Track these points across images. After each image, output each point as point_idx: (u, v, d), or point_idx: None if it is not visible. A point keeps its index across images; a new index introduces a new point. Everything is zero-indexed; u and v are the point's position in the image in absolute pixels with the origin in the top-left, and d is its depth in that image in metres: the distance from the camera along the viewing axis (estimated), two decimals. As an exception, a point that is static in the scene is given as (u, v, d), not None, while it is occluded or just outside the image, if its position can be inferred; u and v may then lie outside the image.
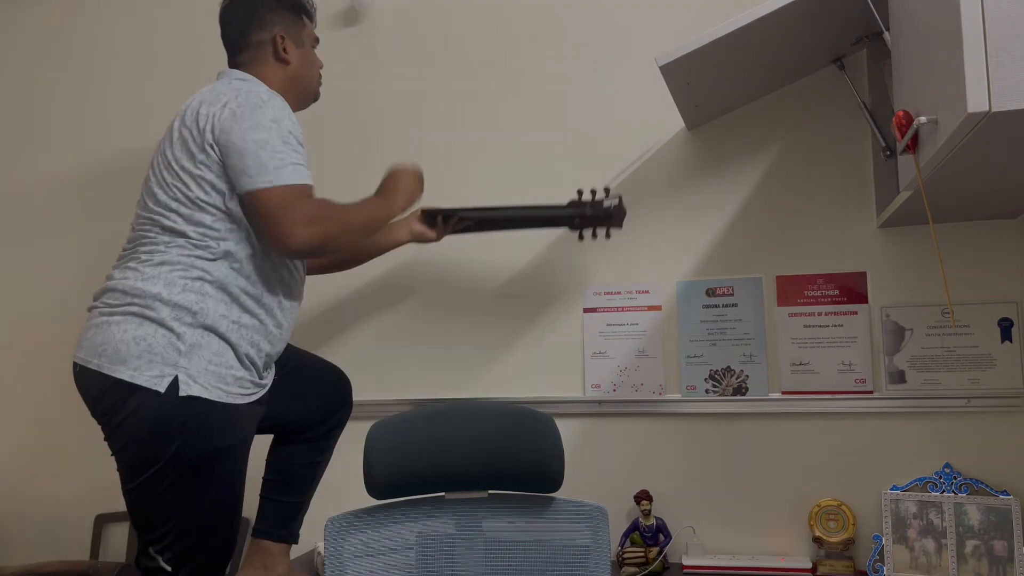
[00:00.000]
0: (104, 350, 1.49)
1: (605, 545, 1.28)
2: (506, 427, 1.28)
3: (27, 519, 2.46)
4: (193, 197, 1.54)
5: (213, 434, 1.50)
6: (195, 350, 1.50)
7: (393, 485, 1.26)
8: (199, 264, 1.53)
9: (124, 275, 1.55)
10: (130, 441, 1.49)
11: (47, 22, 2.65)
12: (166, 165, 1.58)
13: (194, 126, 1.56)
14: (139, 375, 1.46)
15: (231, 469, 1.55)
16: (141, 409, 1.46)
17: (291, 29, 1.77)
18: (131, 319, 1.50)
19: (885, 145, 1.78)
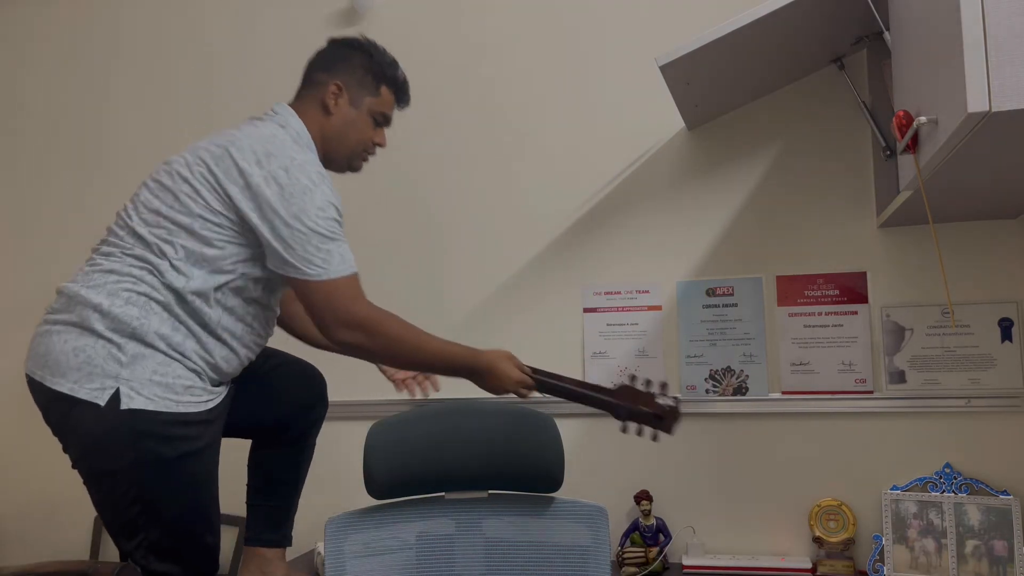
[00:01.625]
0: (46, 361, 1.46)
1: (605, 545, 1.28)
2: (506, 427, 1.28)
3: (27, 519, 2.46)
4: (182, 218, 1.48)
5: (166, 444, 1.44)
6: (137, 361, 1.43)
7: (393, 485, 1.26)
8: (146, 281, 1.46)
9: (76, 278, 1.50)
10: (81, 455, 1.46)
11: (59, 22, 2.65)
12: (189, 194, 1.49)
13: (231, 173, 1.48)
14: (79, 388, 1.41)
15: (195, 473, 1.49)
16: (84, 423, 1.42)
17: (356, 88, 1.67)
18: (71, 329, 1.45)
19: (885, 145, 1.78)
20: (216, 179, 1.49)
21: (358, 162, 1.72)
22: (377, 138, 1.71)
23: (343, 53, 1.69)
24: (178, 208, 1.49)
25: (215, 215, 1.48)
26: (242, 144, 1.51)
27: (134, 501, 1.44)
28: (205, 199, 1.49)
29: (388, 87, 1.70)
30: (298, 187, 1.47)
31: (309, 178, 1.49)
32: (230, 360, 1.55)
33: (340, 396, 2.24)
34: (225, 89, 2.45)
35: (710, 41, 1.62)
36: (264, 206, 1.46)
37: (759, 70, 1.88)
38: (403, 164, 2.29)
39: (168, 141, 2.49)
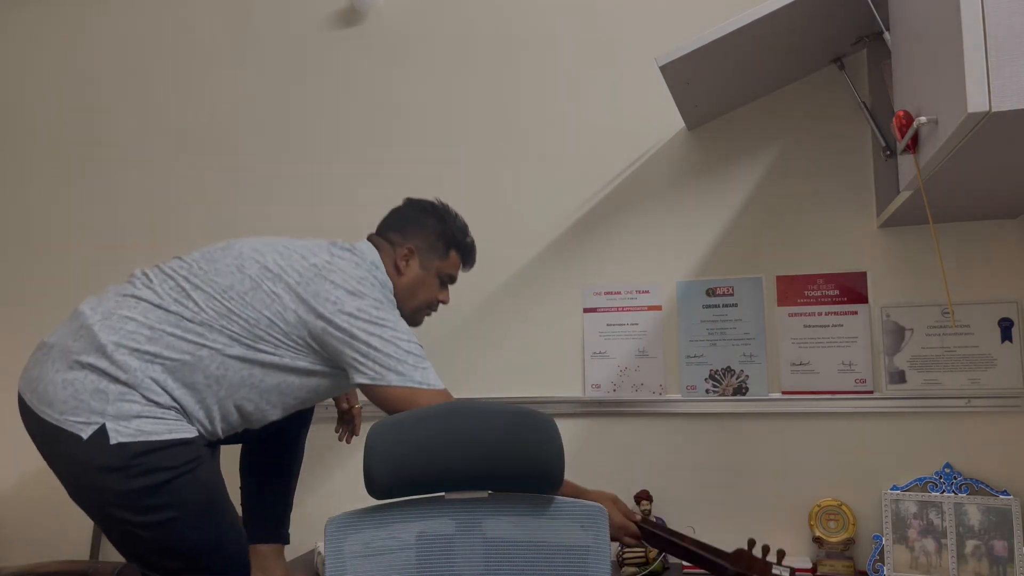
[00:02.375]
0: (36, 386, 1.46)
1: (605, 545, 1.28)
2: (506, 427, 1.28)
3: (27, 519, 2.46)
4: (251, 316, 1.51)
5: (158, 471, 1.43)
6: (124, 400, 1.44)
7: (393, 485, 1.26)
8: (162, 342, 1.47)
9: (96, 306, 1.51)
10: (73, 489, 1.46)
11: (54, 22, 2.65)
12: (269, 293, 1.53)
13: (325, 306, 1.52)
14: (64, 419, 1.42)
15: (197, 485, 1.48)
16: (69, 454, 1.42)
17: (427, 251, 1.75)
18: (66, 359, 1.46)
19: (885, 145, 1.78)
20: (300, 294, 1.53)
21: (420, 317, 1.80)
22: (442, 296, 1.80)
23: (417, 216, 1.77)
24: (248, 301, 1.52)
25: (287, 325, 1.52)
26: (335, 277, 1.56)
27: (147, 531, 1.44)
28: (283, 306, 1.52)
29: (457, 251, 1.79)
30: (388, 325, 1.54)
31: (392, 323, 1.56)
32: (219, 430, 1.57)
33: (340, 396, 2.24)
34: (225, 89, 2.46)
35: (710, 41, 1.62)
36: (357, 326, 1.52)
37: (759, 70, 1.88)
38: (404, 163, 2.29)
39: (168, 142, 2.49)
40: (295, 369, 1.56)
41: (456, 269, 1.81)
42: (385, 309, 1.56)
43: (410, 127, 2.30)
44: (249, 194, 2.39)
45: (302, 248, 1.61)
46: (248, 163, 2.41)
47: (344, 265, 1.59)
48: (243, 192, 2.40)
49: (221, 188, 2.42)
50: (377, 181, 2.30)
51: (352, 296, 1.54)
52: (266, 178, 2.39)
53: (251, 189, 2.39)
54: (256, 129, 2.41)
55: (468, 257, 1.83)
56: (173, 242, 2.43)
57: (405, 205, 1.81)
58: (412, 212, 1.79)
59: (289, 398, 1.59)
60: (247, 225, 2.38)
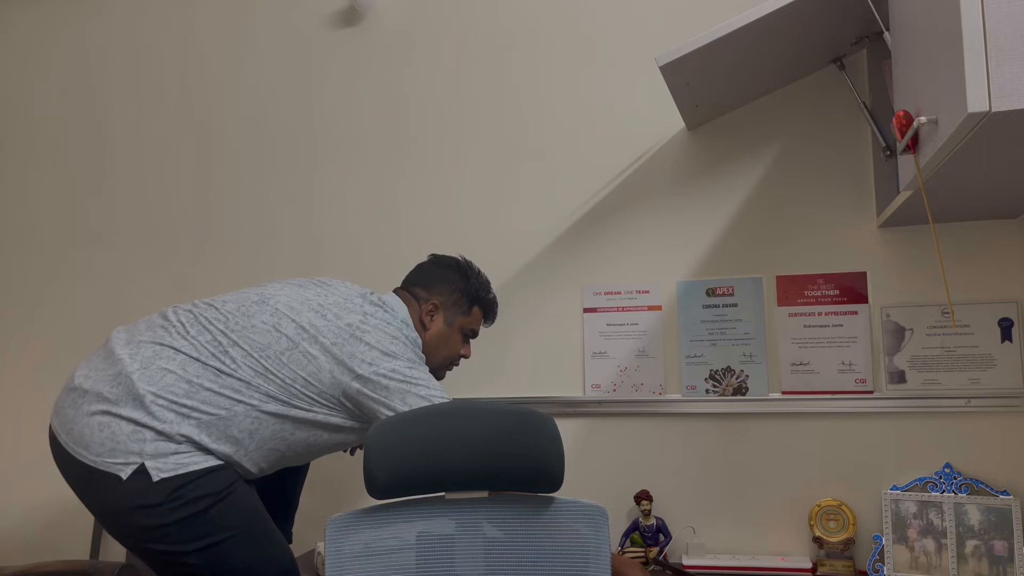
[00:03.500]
0: (72, 428, 1.48)
1: (605, 545, 1.28)
2: (506, 427, 1.28)
3: (27, 519, 2.46)
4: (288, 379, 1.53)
5: (199, 496, 1.45)
6: (159, 441, 1.46)
7: (393, 485, 1.26)
8: (199, 396, 1.49)
9: (136, 354, 1.52)
10: (114, 529, 1.47)
11: (54, 23, 2.65)
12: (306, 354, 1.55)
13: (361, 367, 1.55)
14: (100, 461, 1.44)
15: (238, 505, 1.50)
16: (109, 495, 1.44)
17: (451, 307, 1.79)
18: (102, 403, 1.47)
19: (885, 145, 1.78)
20: (336, 355, 1.55)
21: (443, 372, 1.84)
22: (464, 351, 1.84)
23: (442, 273, 1.81)
24: (285, 361, 1.54)
25: (321, 384, 1.55)
26: (369, 338, 1.58)
27: (195, 557, 1.45)
28: (319, 367, 1.55)
29: (480, 307, 1.83)
30: (416, 379, 1.57)
31: (425, 382, 1.58)
32: (246, 474, 1.58)
33: (340, 396, 2.24)
34: (224, 89, 2.46)
35: (710, 41, 1.62)
36: (392, 386, 1.55)
37: (759, 70, 1.88)
38: (403, 164, 2.29)
39: (166, 143, 2.49)
40: (327, 425, 1.59)
41: (478, 324, 1.85)
42: (418, 368, 1.60)
43: (410, 127, 2.30)
44: (249, 194, 2.39)
45: (335, 306, 1.62)
46: (248, 163, 2.41)
47: (377, 323, 1.61)
48: (243, 192, 2.40)
49: (221, 188, 2.42)
50: (377, 181, 2.30)
51: (387, 357, 1.57)
52: (266, 178, 2.39)
53: (251, 189, 2.39)
54: (256, 129, 2.41)
55: (490, 313, 1.86)
56: (174, 241, 2.43)
57: (430, 261, 1.85)
58: (436, 268, 1.82)
59: (315, 449, 1.62)
60: (247, 224, 2.38)
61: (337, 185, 2.33)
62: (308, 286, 1.66)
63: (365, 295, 1.67)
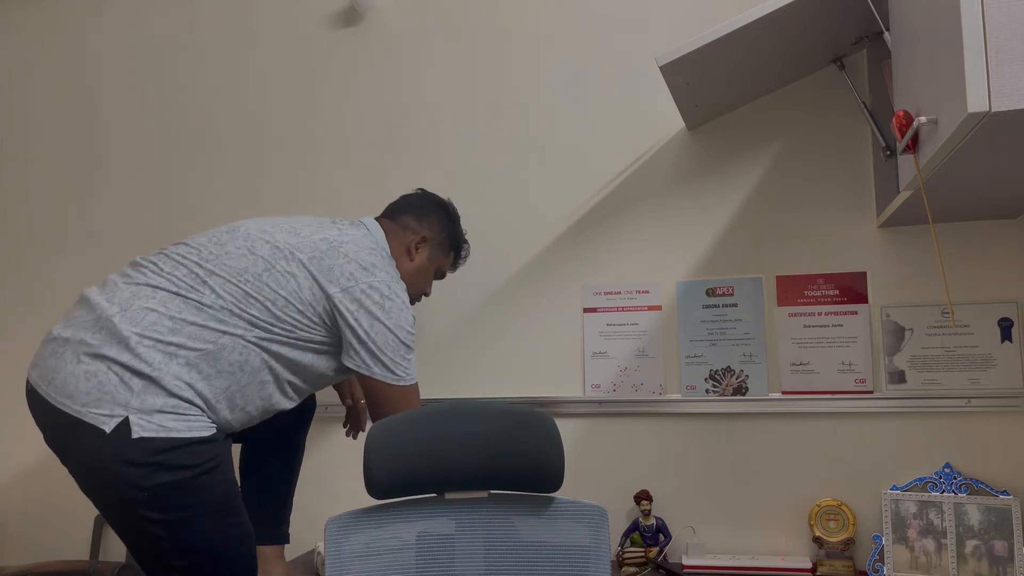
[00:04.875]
0: (54, 378, 1.43)
1: (605, 545, 1.28)
2: (506, 427, 1.28)
3: (27, 519, 2.46)
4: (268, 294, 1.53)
5: (180, 468, 1.43)
6: (147, 392, 1.42)
7: (393, 485, 1.26)
8: (184, 332, 1.47)
9: (113, 297, 1.49)
10: (88, 482, 1.44)
11: (46, 22, 2.65)
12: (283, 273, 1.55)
13: (333, 273, 1.56)
14: (86, 411, 1.40)
15: (215, 485, 1.48)
16: (90, 448, 1.40)
17: (436, 245, 1.83)
18: (86, 349, 1.44)
19: (885, 145, 1.78)
20: (313, 272, 1.56)
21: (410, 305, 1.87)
22: (429, 291, 1.88)
23: (434, 211, 1.84)
24: (264, 281, 1.54)
25: (302, 303, 1.55)
26: (346, 249, 1.60)
27: (160, 527, 1.43)
28: (299, 284, 1.55)
29: (455, 254, 1.89)
30: (396, 304, 1.60)
31: (402, 299, 1.62)
32: (237, 421, 1.58)
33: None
34: (224, 89, 2.46)
35: (710, 41, 1.62)
36: (362, 312, 1.56)
37: (759, 70, 1.88)
38: (403, 164, 2.29)
39: (166, 143, 2.49)
40: (311, 344, 1.58)
41: (448, 270, 1.91)
42: (395, 285, 1.61)
43: (409, 127, 2.30)
44: (249, 194, 2.39)
45: (308, 226, 1.64)
46: (248, 163, 2.41)
47: (354, 236, 1.64)
48: (243, 192, 2.40)
49: (221, 188, 2.42)
50: (376, 181, 2.30)
51: (365, 271, 1.58)
52: (266, 177, 2.39)
53: (251, 189, 2.39)
54: (256, 129, 2.41)
55: (460, 262, 1.94)
56: (172, 241, 2.43)
57: (420, 195, 1.87)
58: (428, 203, 1.85)
59: (301, 378, 1.62)
60: (247, 225, 2.38)
61: (337, 185, 2.32)
62: (277, 217, 1.69)
63: (335, 220, 1.71)
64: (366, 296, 1.56)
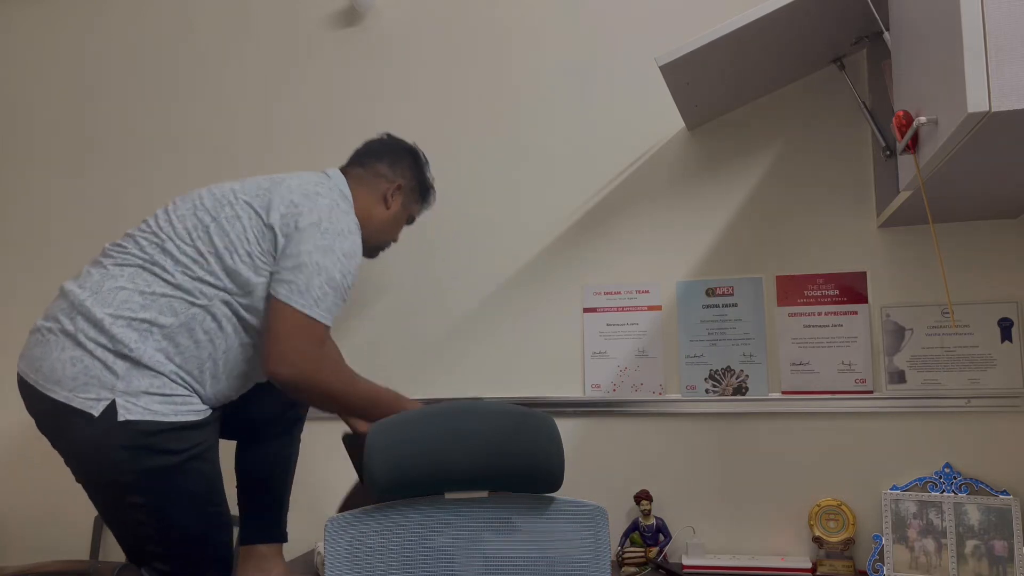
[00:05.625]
0: (41, 366, 1.45)
1: (605, 545, 1.28)
2: (506, 427, 1.28)
3: (27, 519, 2.46)
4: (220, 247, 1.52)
5: (166, 453, 1.44)
6: (132, 375, 1.44)
7: (393, 485, 1.26)
8: (154, 308, 1.47)
9: (83, 283, 1.50)
10: (80, 467, 1.46)
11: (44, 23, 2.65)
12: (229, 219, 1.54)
13: (272, 199, 1.55)
14: (73, 397, 1.41)
15: (196, 482, 1.49)
16: (79, 432, 1.41)
17: (409, 192, 1.81)
18: (68, 338, 1.45)
19: (885, 145, 1.78)
20: (256, 208, 1.55)
21: (377, 253, 1.88)
22: (398, 235, 1.88)
23: (405, 157, 1.82)
24: (213, 232, 1.53)
25: (250, 244, 1.53)
26: (290, 182, 1.59)
27: (139, 507, 1.44)
28: (244, 225, 1.54)
29: (424, 200, 1.88)
30: (335, 227, 1.54)
31: (347, 226, 1.57)
32: (226, 391, 1.58)
33: (340, 396, 2.24)
34: (224, 89, 2.46)
35: (710, 41, 1.62)
36: (296, 228, 1.52)
37: (759, 70, 1.88)
38: (403, 164, 2.28)
39: (166, 143, 2.49)
40: None
41: (416, 215, 1.89)
42: (341, 212, 1.57)
43: (409, 127, 2.30)
44: (249, 194, 2.39)
45: (255, 178, 1.64)
46: (248, 162, 2.41)
47: (301, 175, 1.62)
48: (243, 192, 2.40)
49: (221, 188, 2.42)
50: (377, 181, 2.30)
51: (307, 198, 1.56)
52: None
53: (251, 189, 2.39)
54: (256, 129, 2.41)
55: (427, 206, 1.91)
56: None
57: (389, 140, 1.84)
58: (398, 149, 1.82)
59: None
60: (247, 225, 2.38)
61: (337, 185, 2.32)
62: None
63: None
64: (302, 216, 1.52)
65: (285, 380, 1.49)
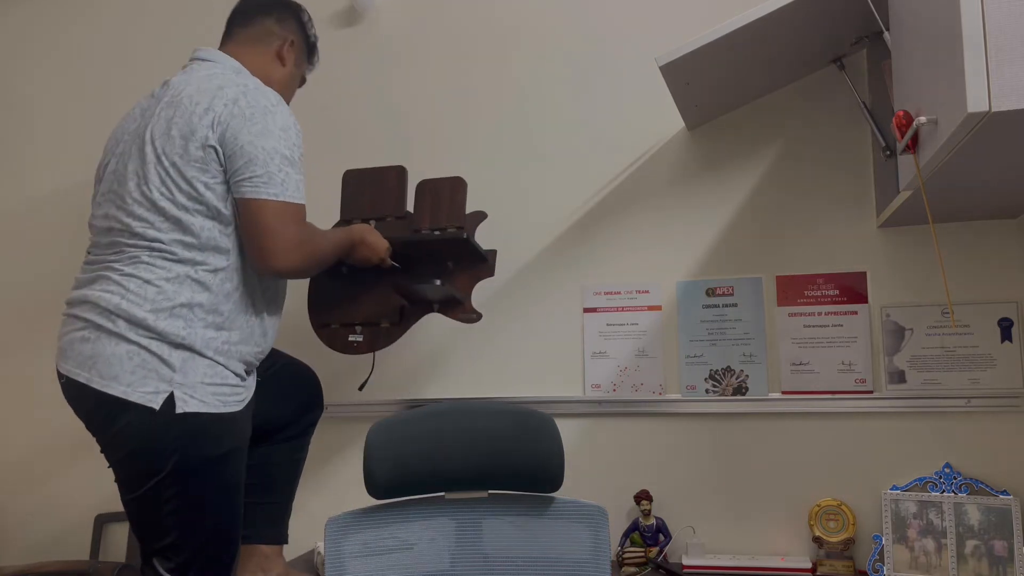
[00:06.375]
0: (94, 363, 1.44)
1: (605, 545, 1.28)
2: (506, 427, 1.28)
3: (27, 519, 2.46)
4: (182, 201, 1.47)
5: (213, 443, 1.48)
6: (188, 365, 1.46)
7: (393, 485, 1.26)
8: (186, 289, 1.47)
9: (106, 288, 1.47)
10: (127, 455, 1.46)
11: (39, 24, 2.65)
12: (153, 159, 1.48)
13: (190, 119, 1.48)
14: (132, 391, 1.42)
15: (233, 473, 1.53)
16: (135, 425, 1.42)
17: (300, 48, 1.75)
18: (119, 336, 1.45)
19: (885, 145, 1.78)
20: (190, 130, 1.48)
21: None
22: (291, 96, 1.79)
23: (289, 13, 1.74)
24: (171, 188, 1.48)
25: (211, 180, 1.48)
26: (189, 92, 1.51)
27: (170, 499, 1.45)
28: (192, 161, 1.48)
29: (311, 58, 1.80)
30: (259, 108, 1.49)
31: (268, 99, 1.52)
32: (261, 348, 1.61)
33: (340, 397, 2.24)
34: (225, 89, 2.45)
35: (710, 41, 1.62)
36: (228, 130, 1.47)
37: (759, 70, 1.88)
38: (403, 163, 2.28)
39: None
40: None
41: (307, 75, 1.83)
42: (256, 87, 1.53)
43: (409, 127, 2.30)
44: (249, 194, 2.39)
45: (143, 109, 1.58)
46: (248, 163, 2.40)
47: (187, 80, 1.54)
48: (243, 192, 2.40)
49: (221, 188, 2.42)
50: (377, 181, 2.30)
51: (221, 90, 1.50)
52: (266, 178, 2.38)
53: (251, 189, 2.39)
54: (256, 129, 2.41)
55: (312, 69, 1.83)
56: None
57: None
58: (279, 5, 1.75)
59: None
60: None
61: (335, 185, 2.32)
62: None
63: None
64: (224, 117, 1.47)
65: (283, 272, 1.51)
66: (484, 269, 1.94)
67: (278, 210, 1.48)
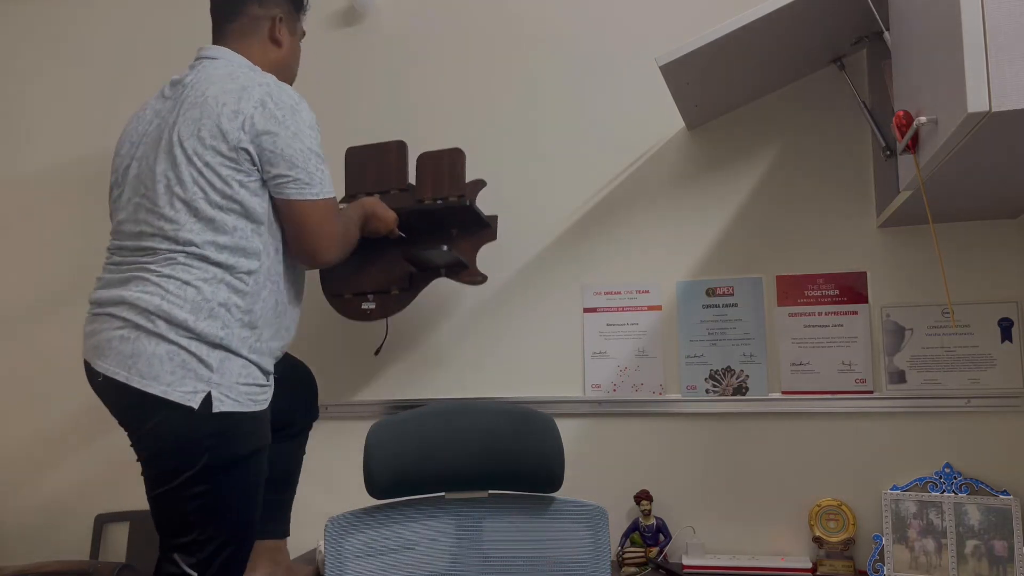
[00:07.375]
0: (135, 363, 1.45)
1: (605, 545, 1.28)
2: (506, 427, 1.28)
3: (27, 519, 2.46)
4: (216, 200, 1.49)
5: (243, 442, 1.50)
6: (224, 366, 1.48)
7: (393, 485, 1.26)
8: (222, 290, 1.49)
9: (144, 289, 1.48)
10: (160, 451, 1.47)
11: (39, 18, 2.65)
12: (184, 160, 1.49)
13: (219, 120, 1.49)
14: (172, 391, 1.44)
15: (256, 473, 1.54)
16: (172, 423, 1.44)
17: (288, 16, 1.74)
18: (159, 338, 1.46)
19: (885, 145, 1.78)
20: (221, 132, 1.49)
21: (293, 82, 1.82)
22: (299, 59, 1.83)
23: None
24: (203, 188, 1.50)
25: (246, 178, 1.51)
26: (214, 92, 1.53)
27: (197, 496, 1.46)
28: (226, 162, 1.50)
29: (300, 8, 1.81)
30: (287, 108, 1.53)
31: (291, 97, 1.56)
32: (285, 343, 1.66)
33: (340, 396, 2.24)
34: (225, 89, 2.45)
35: (710, 41, 1.62)
36: (263, 135, 1.50)
37: (759, 70, 1.88)
38: (403, 164, 2.28)
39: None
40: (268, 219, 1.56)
41: (303, 27, 1.84)
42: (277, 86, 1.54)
43: (409, 127, 2.30)
44: (249, 194, 2.39)
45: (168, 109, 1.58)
46: (248, 163, 2.41)
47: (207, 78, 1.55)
48: (243, 192, 2.40)
49: (221, 188, 2.42)
50: (377, 181, 2.29)
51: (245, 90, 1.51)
52: (266, 178, 2.39)
53: (251, 189, 2.39)
54: (256, 129, 2.41)
55: (306, 9, 1.84)
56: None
57: None
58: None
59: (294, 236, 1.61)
60: (247, 225, 2.38)
61: (336, 184, 2.32)
62: None
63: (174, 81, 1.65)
64: (254, 121, 1.50)
65: (329, 263, 1.63)
66: (487, 234, 1.99)
67: (321, 209, 1.56)
